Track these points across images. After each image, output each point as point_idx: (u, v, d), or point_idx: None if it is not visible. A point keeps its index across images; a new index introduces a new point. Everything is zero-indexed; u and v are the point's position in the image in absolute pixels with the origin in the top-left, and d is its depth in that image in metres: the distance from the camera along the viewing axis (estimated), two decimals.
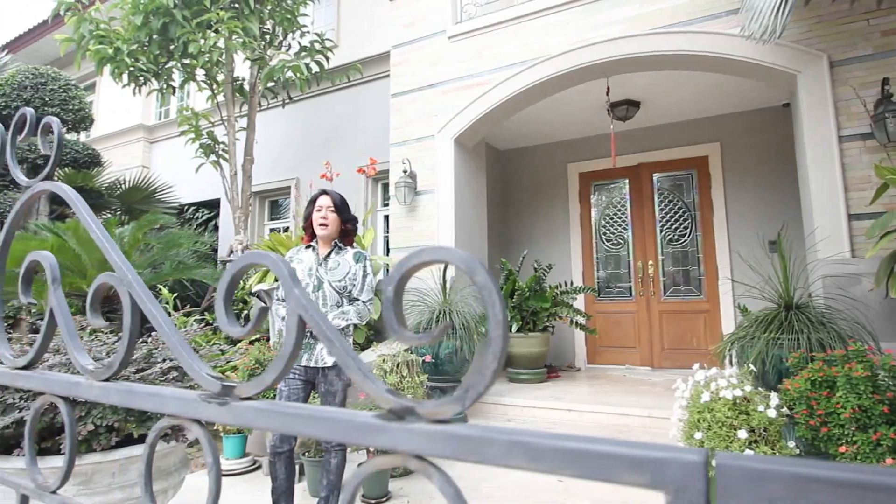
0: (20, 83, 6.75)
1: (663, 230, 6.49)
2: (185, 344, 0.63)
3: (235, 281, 0.60)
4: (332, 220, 2.85)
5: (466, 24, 5.72)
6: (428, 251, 0.47)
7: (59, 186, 0.85)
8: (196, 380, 0.60)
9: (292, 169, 8.17)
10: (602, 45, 4.82)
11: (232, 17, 5.60)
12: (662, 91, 5.79)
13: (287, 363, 0.54)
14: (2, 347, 0.87)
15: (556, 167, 7.22)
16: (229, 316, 0.59)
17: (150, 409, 0.64)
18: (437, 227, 5.43)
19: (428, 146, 5.69)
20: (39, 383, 0.77)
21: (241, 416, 0.55)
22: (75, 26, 5.62)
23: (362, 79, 7.71)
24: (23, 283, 0.85)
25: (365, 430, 0.47)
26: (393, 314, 0.50)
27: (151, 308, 0.65)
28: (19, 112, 0.95)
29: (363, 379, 0.49)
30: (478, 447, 0.42)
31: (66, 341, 0.75)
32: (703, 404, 2.86)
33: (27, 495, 0.82)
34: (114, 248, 0.73)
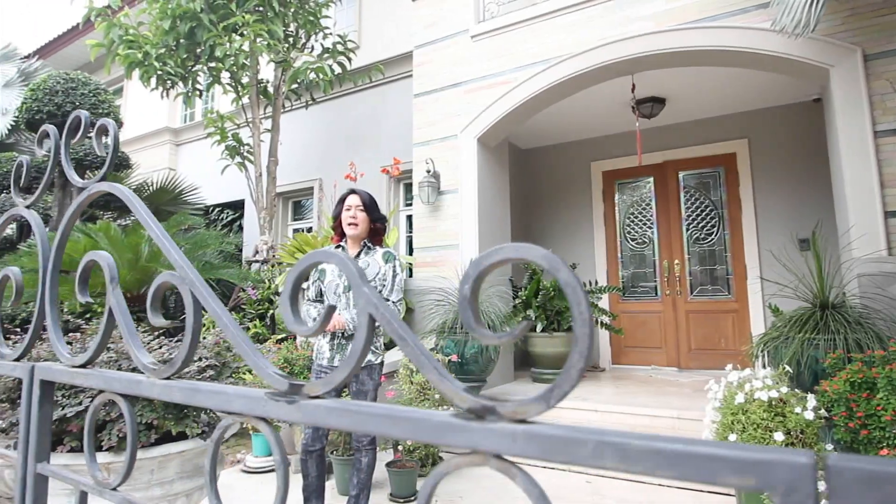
0: (51, 88, 6.90)
1: (690, 229, 6.39)
2: (249, 342, 0.63)
3: (300, 280, 0.61)
4: (362, 219, 2.85)
5: (489, 23, 5.70)
6: (507, 249, 0.46)
7: (117, 187, 0.86)
8: (263, 378, 0.60)
9: (315, 170, 8.24)
10: (627, 42, 4.77)
11: (257, 20, 5.66)
12: (688, 87, 5.70)
13: (358, 361, 0.54)
14: (59, 346, 0.89)
15: (579, 166, 7.16)
16: (296, 315, 0.60)
17: (214, 407, 0.64)
18: (461, 226, 5.42)
19: (451, 146, 5.68)
20: (99, 381, 0.78)
21: (311, 414, 0.55)
22: (105, 31, 5.74)
23: (384, 79, 7.75)
24: (79, 283, 0.87)
25: (442, 429, 0.47)
26: (470, 313, 0.49)
27: (215, 307, 0.66)
28: (74, 114, 0.97)
29: (439, 378, 0.48)
30: (566, 447, 0.41)
31: (126, 340, 0.76)
32: (737, 406, 2.80)
33: (86, 491, 0.84)
34: (174, 248, 0.73)
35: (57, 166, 1.01)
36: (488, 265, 0.48)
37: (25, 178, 1.08)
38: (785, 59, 4.38)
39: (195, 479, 2.00)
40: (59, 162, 1.01)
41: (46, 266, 0.92)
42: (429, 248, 5.56)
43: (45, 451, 0.90)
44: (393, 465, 3.30)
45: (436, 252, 5.49)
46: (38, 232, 0.98)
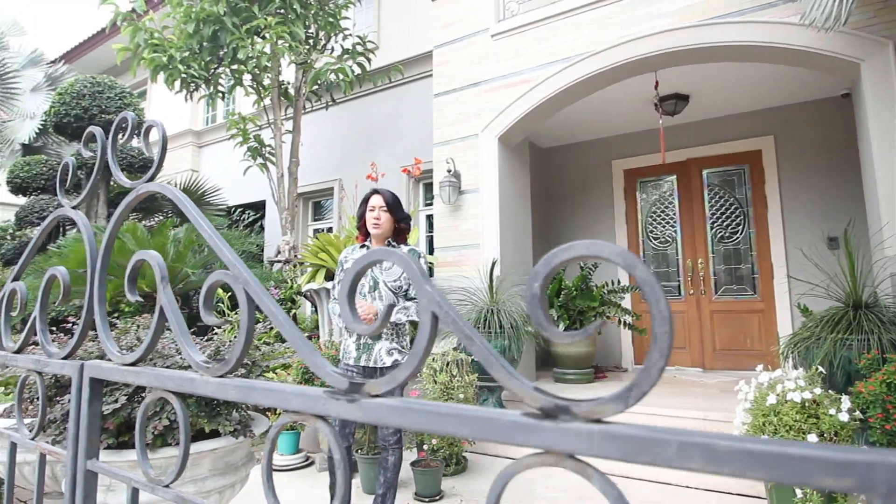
0: (78, 92, 7.04)
1: (714, 227, 6.30)
2: (306, 341, 0.63)
3: (358, 279, 0.61)
4: (385, 219, 2.86)
5: (509, 22, 5.68)
6: (579, 246, 0.46)
7: (166, 188, 0.87)
8: (320, 376, 0.60)
9: (335, 170, 8.29)
10: (650, 39, 4.71)
11: (279, 22, 5.72)
12: (712, 84, 5.62)
13: (421, 360, 0.54)
14: (109, 344, 0.90)
15: (600, 164, 7.10)
16: (353, 312, 0.60)
17: (271, 404, 0.65)
18: (482, 226, 5.41)
19: (471, 145, 5.67)
20: (151, 379, 0.79)
21: (373, 413, 0.54)
22: (131, 36, 5.84)
23: (403, 79, 7.77)
24: (128, 282, 0.88)
25: (513, 428, 0.46)
26: (541, 311, 0.49)
27: (270, 305, 0.66)
28: (120, 115, 0.98)
29: (508, 377, 0.48)
30: (647, 448, 0.40)
31: (177, 338, 0.77)
32: (768, 407, 2.75)
33: (138, 488, 0.85)
34: (225, 247, 0.74)
35: (102, 167, 1.03)
36: (559, 262, 0.47)
37: (71, 179, 1.10)
38: (813, 53, 4.29)
39: (227, 476, 2.02)
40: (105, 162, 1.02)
41: (95, 266, 0.94)
42: (449, 247, 5.56)
43: (94, 448, 0.91)
44: (418, 464, 3.30)
45: (457, 252, 5.49)
46: (86, 232, 1.00)
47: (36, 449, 1.04)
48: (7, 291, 1.18)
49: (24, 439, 1.07)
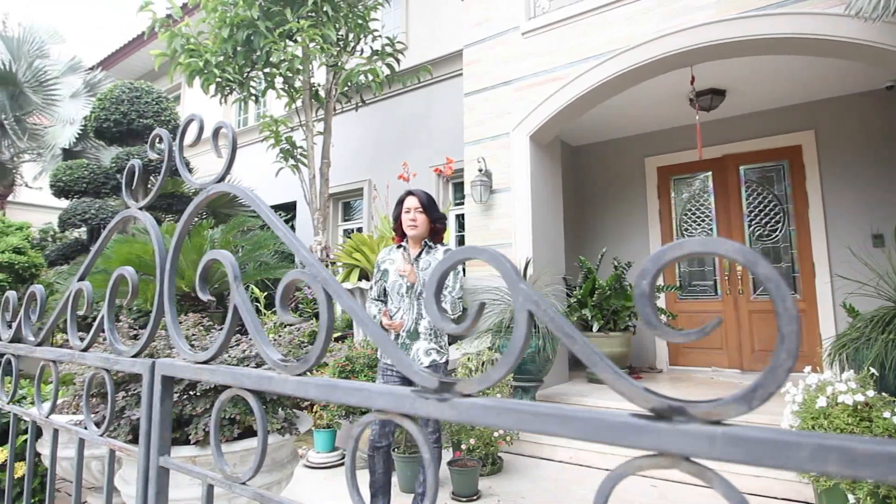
0: (118, 97, 7.24)
1: (752, 225, 6.15)
2: (389, 339, 0.63)
3: (444, 277, 0.60)
4: (421, 220, 2.86)
5: (540, 19, 5.63)
6: (692, 242, 0.44)
7: (235, 187, 0.88)
8: (408, 375, 0.60)
9: (365, 170, 8.34)
10: (687, 32, 4.62)
11: (311, 25, 5.77)
12: (750, 78, 5.48)
13: (516, 359, 0.53)
14: (181, 343, 0.91)
15: (632, 162, 7.00)
16: (441, 311, 0.59)
17: (355, 403, 0.64)
18: (514, 225, 5.38)
19: (503, 144, 5.65)
20: (227, 378, 0.80)
21: (466, 412, 0.54)
22: (169, 41, 5.97)
23: (432, 79, 7.77)
24: (200, 281, 0.89)
25: (622, 430, 0.45)
26: (650, 309, 0.47)
27: (350, 303, 0.66)
28: (187, 117, 1.00)
29: (616, 378, 0.47)
30: (777, 451, 0.39)
31: (253, 336, 0.78)
32: (818, 410, 2.67)
33: (213, 485, 0.86)
34: (301, 246, 0.74)
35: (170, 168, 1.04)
36: (669, 260, 0.46)
37: (138, 181, 1.12)
38: (858, 45, 4.15)
39: (273, 473, 2.05)
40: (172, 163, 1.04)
41: (164, 266, 0.95)
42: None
43: (166, 444, 0.93)
44: (454, 463, 3.30)
45: None
46: (154, 233, 1.02)
47: (105, 445, 1.07)
48: (73, 291, 1.21)
49: (92, 436, 1.10)
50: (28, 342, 1.36)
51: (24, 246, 5.43)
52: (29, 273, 5.48)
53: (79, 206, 6.93)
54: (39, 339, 1.32)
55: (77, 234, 8.43)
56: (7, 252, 5.19)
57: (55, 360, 1.30)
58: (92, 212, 6.94)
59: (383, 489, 2.72)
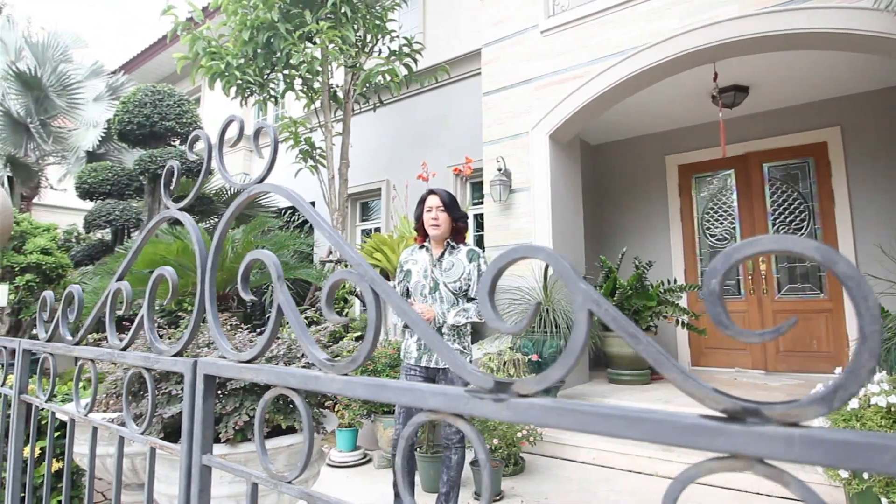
0: (140, 100, 7.35)
1: (776, 224, 6.05)
2: (441, 340, 0.63)
3: (499, 276, 0.60)
4: (444, 219, 2.85)
5: (559, 17, 5.60)
6: (766, 240, 0.43)
7: (279, 187, 0.89)
8: (462, 375, 0.59)
9: (383, 171, 8.37)
10: (709, 29, 4.55)
11: (330, 26, 5.81)
12: (773, 73, 5.40)
13: (577, 359, 0.52)
14: (224, 342, 0.92)
15: (652, 160, 6.93)
16: (495, 311, 0.59)
17: (406, 403, 0.64)
18: (534, 224, 5.36)
19: (522, 143, 5.63)
20: (272, 377, 0.80)
21: (524, 413, 0.53)
22: (191, 44, 6.05)
23: (449, 79, 7.77)
24: (242, 281, 0.90)
25: (692, 431, 0.44)
26: (720, 308, 0.46)
27: (399, 303, 0.66)
28: (227, 118, 1.00)
29: (684, 378, 0.46)
30: (858, 453, 0.37)
31: (298, 336, 0.78)
32: (849, 412, 2.62)
33: (257, 483, 0.87)
34: (348, 246, 0.74)
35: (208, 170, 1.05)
36: (741, 258, 0.45)
37: (176, 182, 1.14)
38: (886, 38, 4.06)
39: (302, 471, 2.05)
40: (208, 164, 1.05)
41: (205, 266, 0.96)
42: (501, 246, 5.52)
43: (208, 443, 0.93)
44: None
45: None
46: (194, 233, 1.02)
47: (146, 443, 1.08)
48: (111, 291, 1.23)
49: (133, 434, 1.11)
50: (66, 341, 1.38)
51: (51, 247, 5.54)
52: (56, 273, 5.59)
53: (103, 207, 7.05)
54: (77, 339, 1.34)
55: (100, 234, 8.58)
56: (35, 253, 5.30)
57: (93, 359, 1.33)
58: (116, 213, 7.05)
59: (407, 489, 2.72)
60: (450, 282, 2.79)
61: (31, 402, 1.59)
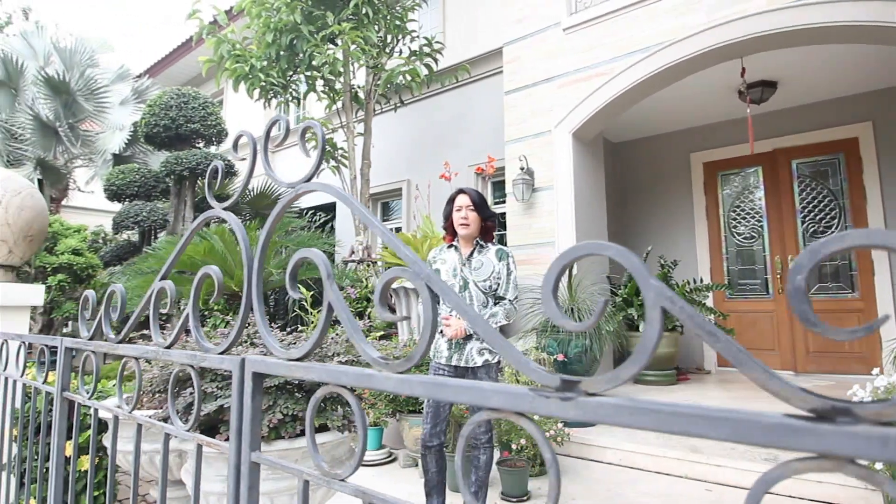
0: (166, 103, 7.47)
1: (805, 221, 5.92)
2: (501, 336, 0.62)
3: (562, 274, 0.59)
4: (473, 218, 2.85)
5: (582, 14, 5.56)
6: (856, 234, 0.42)
7: (327, 186, 0.89)
8: (525, 373, 0.59)
9: (404, 171, 8.39)
10: (739, 23, 4.47)
11: (353, 27, 5.84)
12: (802, 68, 5.29)
13: (649, 357, 0.51)
14: (272, 340, 0.92)
15: (676, 157, 6.84)
16: (560, 309, 0.58)
17: (466, 402, 0.64)
18: (557, 223, 5.32)
19: (545, 142, 5.59)
20: (324, 375, 0.81)
21: (594, 412, 0.52)
22: (215, 47, 6.14)
23: (470, 78, 7.76)
24: (290, 280, 0.90)
25: (778, 431, 0.43)
26: (807, 307, 0.45)
27: (457, 301, 0.65)
28: (273, 118, 1.01)
29: (767, 377, 0.45)
30: None
31: (350, 334, 0.78)
32: None
33: (308, 481, 0.87)
34: (402, 245, 0.74)
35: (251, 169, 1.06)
36: (828, 253, 0.44)
37: (220, 182, 1.15)
38: None
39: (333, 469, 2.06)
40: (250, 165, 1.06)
41: (252, 265, 0.97)
42: (523, 245, 5.50)
43: (257, 440, 0.94)
44: (503, 463, 3.28)
45: (531, 250, 5.42)
46: (239, 232, 1.03)
47: (193, 440, 1.09)
48: (155, 290, 1.25)
49: (179, 431, 1.13)
50: (109, 339, 1.41)
51: (82, 247, 5.67)
52: (86, 274, 5.71)
53: (131, 208, 7.18)
54: (121, 337, 1.36)
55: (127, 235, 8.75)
56: (66, 254, 5.42)
57: (137, 357, 1.35)
58: (143, 214, 7.18)
59: (437, 489, 2.73)
60: (479, 281, 2.79)
61: (73, 399, 1.63)
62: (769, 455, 3.47)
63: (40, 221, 2.98)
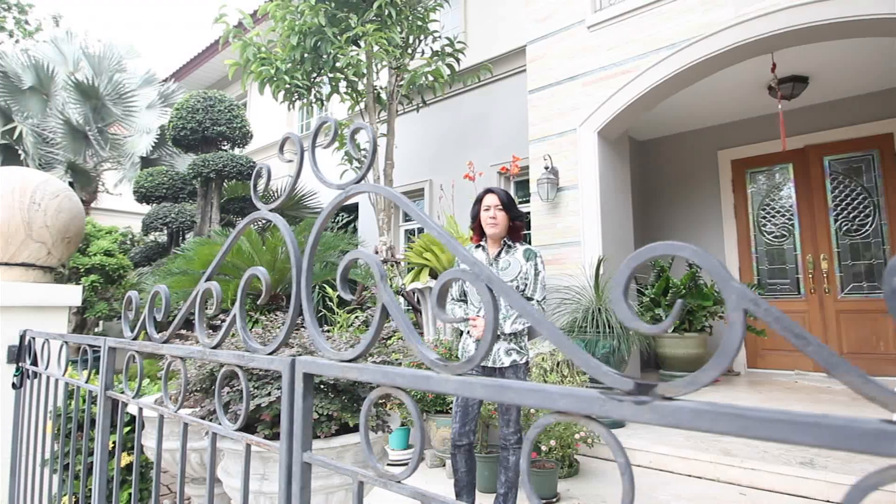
0: (193, 107, 7.59)
1: (838, 219, 5.78)
2: (568, 339, 0.62)
3: (634, 274, 0.58)
4: (501, 218, 2.83)
5: (606, 12, 5.50)
6: None
7: (377, 187, 0.89)
8: (596, 376, 0.58)
9: (426, 171, 8.40)
10: (770, 17, 4.39)
11: (377, 29, 5.86)
12: (835, 63, 5.16)
13: (731, 360, 0.50)
14: (322, 342, 0.93)
15: (703, 155, 6.73)
16: (632, 311, 0.57)
17: (531, 405, 0.63)
18: (582, 223, 5.28)
19: (570, 141, 5.55)
20: (378, 376, 0.81)
21: (672, 416, 0.51)
22: (241, 51, 6.22)
23: (492, 78, 7.74)
24: (341, 281, 0.90)
25: (879, 437, 0.42)
26: None
27: (522, 303, 0.65)
28: (321, 120, 1.01)
29: (863, 381, 0.43)
30: None
31: (406, 336, 0.78)
32: None
33: (363, 482, 0.87)
34: (459, 246, 0.74)
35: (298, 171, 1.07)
36: None
37: (266, 184, 1.16)
38: None
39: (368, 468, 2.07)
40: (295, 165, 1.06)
41: (301, 266, 0.97)
42: (548, 245, 5.47)
43: (308, 441, 0.95)
44: (532, 464, 3.26)
45: (556, 249, 5.39)
46: (287, 234, 1.04)
47: (242, 440, 1.10)
48: (201, 290, 1.26)
49: (227, 431, 1.14)
50: (154, 340, 1.43)
51: (113, 249, 5.78)
52: (117, 274, 5.83)
53: (160, 210, 7.32)
54: (166, 337, 1.38)
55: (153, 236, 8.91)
56: (98, 255, 5.53)
57: (183, 357, 1.37)
58: (172, 216, 7.31)
59: (467, 489, 2.72)
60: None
61: (116, 398, 1.66)
62: (805, 459, 3.39)
63: (77, 224, 3.05)
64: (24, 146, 9.65)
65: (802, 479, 3.22)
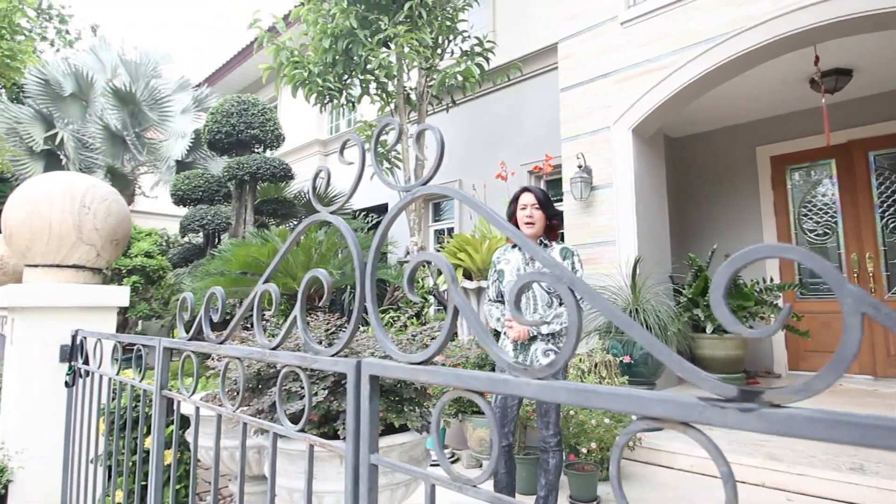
0: (227, 110, 7.73)
1: (884, 217, 5.58)
2: (661, 343, 0.60)
3: (733, 277, 0.56)
4: (538, 217, 2.81)
5: (640, 7, 5.41)
6: None
7: (445, 188, 0.89)
8: (695, 382, 0.56)
9: (456, 171, 8.40)
10: (813, 8, 4.26)
11: (408, 30, 5.89)
12: (881, 55, 4.98)
13: (847, 365, 0.48)
14: (389, 344, 0.93)
15: (741, 152, 6.57)
16: (733, 314, 0.55)
17: (620, 410, 0.62)
18: (617, 222, 5.21)
19: (603, 139, 5.48)
20: (451, 379, 0.80)
21: (782, 424, 0.50)
22: (275, 55, 6.31)
23: (522, 76, 7.69)
24: (408, 283, 0.90)
25: None
26: None
27: (605, 304, 0.64)
28: (384, 121, 1.02)
29: None
30: None
31: (480, 338, 0.78)
32: None
33: (435, 485, 0.87)
34: (536, 248, 0.73)
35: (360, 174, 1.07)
36: None
37: (325, 187, 1.17)
38: None
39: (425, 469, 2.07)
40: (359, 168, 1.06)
41: (365, 268, 0.97)
42: (582, 244, 5.41)
43: (375, 442, 0.95)
44: (571, 466, 3.23)
45: (590, 249, 5.32)
46: (349, 235, 1.04)
47: (305, 441, 1.11)
48: (259, 292, 1.28)
49: (289, 431, 1.15)
50: (210, 340, 1.45)
51: (153, 250, 5.93)
52: (157, 275, 5.97)
53: (196, 212, 7.48)
54: (223, 338, 1.40)
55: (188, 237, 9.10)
56: (139, 256, 5.68)
57: (241, 358, 1.39)
58: (208, 218, 7.46)
59: (507, 490, 2.71)
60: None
61: (171, 397, 1.69)
62: (855, 464, 3.28)
63: (124, 226, 3.13)
64: (65, 151, 9.96)
65: (852, 485, 3.12)
